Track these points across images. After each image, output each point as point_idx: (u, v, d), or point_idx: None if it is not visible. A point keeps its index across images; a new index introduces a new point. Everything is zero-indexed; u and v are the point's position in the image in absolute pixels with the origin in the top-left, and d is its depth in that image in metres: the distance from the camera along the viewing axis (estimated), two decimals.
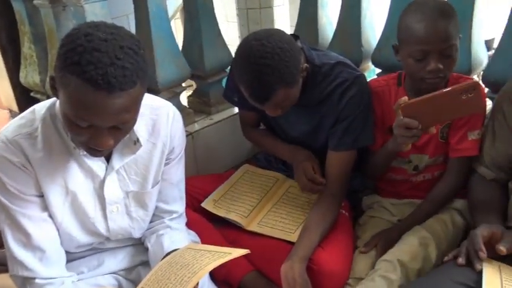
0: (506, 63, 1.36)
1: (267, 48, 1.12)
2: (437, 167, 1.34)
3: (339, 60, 1.32)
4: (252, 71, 1.13)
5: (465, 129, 1.24)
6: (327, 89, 1.29)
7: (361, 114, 1.28)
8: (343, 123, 1.29)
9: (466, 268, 0.93)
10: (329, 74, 1.29)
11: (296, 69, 1.17)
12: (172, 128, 1.10)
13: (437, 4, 1.17)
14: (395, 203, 1.41)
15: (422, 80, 1.18)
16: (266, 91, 1.15)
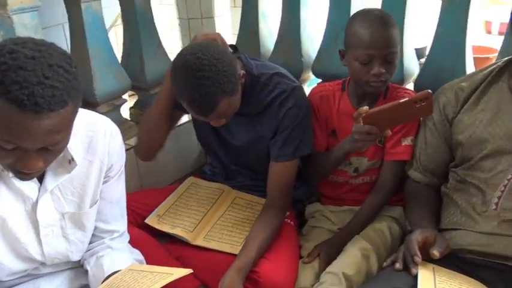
0: (436, 72, 1.44)
1: (203, 60, 1.11)
2: (376, 171, 1.40)
3: (277, 71, 1.34)
4: (191, 85, 1.13)
5: (400, 135, 1.32)
6: (265, 99, 1.31)
7: (299, 125, 1.31)
8: (282, 134, 1.31)
9: (403, 273, 0.98)
10: (267, 84, 1.31)
11: (235, 77, 1.18)
12: (110, 144, 1.06)
13: (382, 14, 1.27)
14: (335, 210, 1.45)
15: (367, 83, 1.26)
16: (209, 103, 1.15)
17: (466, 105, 1.18)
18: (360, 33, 1.23)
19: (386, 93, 1.35)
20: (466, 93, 1.19)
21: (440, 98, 1.23)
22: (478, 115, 1.15)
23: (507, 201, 1.06)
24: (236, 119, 1.31)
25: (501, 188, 1.08)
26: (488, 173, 1.11)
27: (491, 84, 1.17)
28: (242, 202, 1.49)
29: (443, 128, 1.22)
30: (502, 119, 1.11)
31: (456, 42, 1.40)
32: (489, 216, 1.08)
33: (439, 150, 1.24)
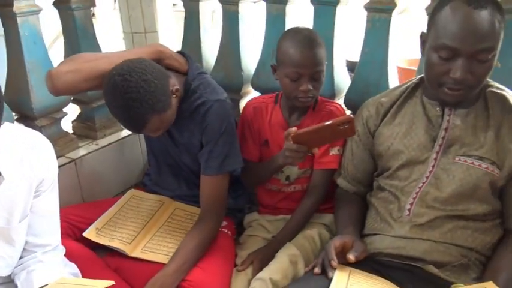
0: (363, 88, 1.54)
1: (131, 82, 1.14)
2: (307, 179, 1.47)
3: (206, 80, 1.38)
4: (121, 105, 1.16)
5: (328, 145, 1.39)
6: (192, 106, 1.34)
7: (223, 139, 1.34)
8: (207, 147, 1.35)
9: (321, 276, 1.04)
10: (195, 91, 1.35)
11: (165, 96, 1.21)
12: (39, 158, 1.07)
13: (310, 34, 1.34)
14: (270, 219, 1.51)
15: (296, 98, 1.34)
16: (139, 122, 1.19)
17: (386, 119, 1.28)
18: (290, 52, 1.30)
19: (315, 106, 1.43)
20: (385, 108, 1.29)
21: (363, 112, 1.33)
22: (395, 128, 1.25)
23: (418, 208, 1.16)
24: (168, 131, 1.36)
25: (413, 195, 1.17)
26: (404, 181, 1.21)
27: (407, 99, 1.27)
28: (182, 213, 1.52)
29: (366, 140, 1.31)
30: (415, 132, 1.21)
31: (379, 61, 1.51)
32: (403, 221, 1.17)
33: (364, 161, 1.33)
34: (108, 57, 1.28)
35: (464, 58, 1.05)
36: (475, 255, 1.12)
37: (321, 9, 1.57)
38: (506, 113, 1.14)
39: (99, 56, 1.35)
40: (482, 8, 1.04)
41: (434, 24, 1.10)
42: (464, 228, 1.13)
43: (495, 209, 1.15)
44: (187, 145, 1.42)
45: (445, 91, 1.11)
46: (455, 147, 1.16)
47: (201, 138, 1.36)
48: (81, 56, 1.32)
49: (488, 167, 1.12)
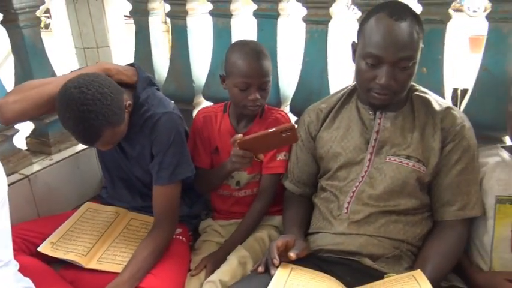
0: (306, 95, 1.63)
1: (88, 95, 1.18)
2: (256, 184, 1.54)
3: (154, 93, 1.43)
4: (75, 117, 1.18)
5: (275, 150, 1.47)
6: (141, 118, 1.39)
7: (172, 150, 1.38)
8: (157, 159, 1.39)
9: (265, 274, 1.11)
10: (143, 104, 1.39)
11: (120, 109, 1.26)
12: None
13: (256, 46, 1.42)
14: (224, 224, 1.57)
15: (244, 107, 1.41)
16: (93, 134, 1.22)
17: (325, 124, 1.37)
18: (238, 63, 1.38)
19: (262, 114, 1.51)
20: (324, 113, 1.38)
21: (305, 118, 1.42)
22: (333, 132, 1.34)
23: (355, 205, 1.24)
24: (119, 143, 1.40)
25: (350, 194, 1.26)
26: (342, 181, 1.29)
27: (343, 105, 1.36)
28: (137, 223, 1.56)
29: (309, 144, 1.40)
30: (351, 135, 1.31)
31: (320, 69, 1.60)
32: (342, 219, 1.26)
33: (308, 164, 1.41)
34: (54, 82, 1.32)
35: (388, 65, 1.15)
36: (406, 246, 1.22)
37: (263, 22, 1.65)
38: (429, 114, 1.25)
39: (46, 81, 1.38)
40: (403, 20, 1.14)
41: (362, 34, 1.20)
42: (396, 222, 1.22)
43: (424, 203, 1.25)
44: (138, 158, 1.46)
45: (373, 95, 1.20)
46: (386, 147, 1.25)
47: (151, 150, 1.41)
48: (27, 84, 1.36)
49: (415, 165, 1.22)
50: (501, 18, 1.30)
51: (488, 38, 1.34)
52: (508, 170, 1.22)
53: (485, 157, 1.27)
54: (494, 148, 1.30)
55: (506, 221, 1.19)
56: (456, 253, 1.19)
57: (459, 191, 1.21)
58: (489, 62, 1.36)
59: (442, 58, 1.41)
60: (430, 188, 1.26)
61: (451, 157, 1.22)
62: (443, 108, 1.25)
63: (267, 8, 1.61)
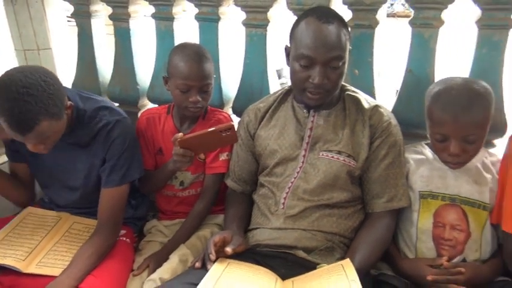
0: (248, 95, 1.68)
1: (30, 80, 1.16)
2: (200, 184, 1.57)
3: (103, 104, 1.43)
4: (14, 99, 1.14)
5: (217, 151, 1.51)
6: (93, 130, 1.39)
7: (126, 154, 1.41)
8: (109, 163, 1.40)
9: (201, 270, 1.14)
10: (94, 116, 1.39)
11: (61, 103, 1.23)
12: None
13: (198, 49, 1.45)
14: (168, 224, 1.59)
15: (186, 108, 1.44)
16: (29, 121, 1.16)
17: (262, 123, 1.42)
18: (180, 66, 1.41)
19: (205, 116, 1.54)
20: (262, 113, 1.43)
21: (244, 118, 1.47)
22: (270, 130, 1.40)
23: (290, 201, 1.30)
24: (69, 151, 1.40)
25: (286, 190, 1.31)
26: (279, 177, 1.35)
27: (280, 104, 1.42)
28: (80, 227, 1.55)
29: (248, 143, 1.44)
30: (287, 132, 1.36)
31: (260, 71, 1.66)
32: (279, 214, 1.31)
33: (248, 162, 1.46)
34: None
35: (320, 66, 1.21)
36: (338, 238, 1.28)
37: (205, 25, 1.69)
38: (359, 112, 1.32)
39: None
40: (330, 23, 1.21)
41: (294, 37, 1.27)
42: (329, 216, 1.29)
43: (355, 196, 1.32)
44: (89, 169, 1.45)
45: (308, 95, 1.27)
46: (320, 144, 1.32)
47: (105, 155, 1.41)
48: None
49: (345, 160, 1.29)
50: (422, 24, 1.40)
51: (412, 42, 1.44)
52: (430, 167, 1.31)
53: (411, 154, 1.36)
54: (419, 145, 1.39)
55: (428, 214, 1.29)
56: (384, 243, 1.27)
57: (387, 184, 1.30)
58: (413, 64, 1.46)
59: (372, 60, 1.50)
60: (361, 181, 1.34)
61: (379, 152, 1.30)
62: (372, 106, 1.33)
63: (208, 11, 1.65)
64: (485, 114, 1.21)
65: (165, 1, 1.70)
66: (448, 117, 1.20)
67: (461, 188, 1.27)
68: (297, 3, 1.48)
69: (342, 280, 1.04)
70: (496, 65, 1.37)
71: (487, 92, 1.22)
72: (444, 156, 1.26)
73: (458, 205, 1.27)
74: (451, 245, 1.26)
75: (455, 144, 1.21)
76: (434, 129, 1.25)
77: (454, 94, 1.21)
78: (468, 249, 1.25)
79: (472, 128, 1.20)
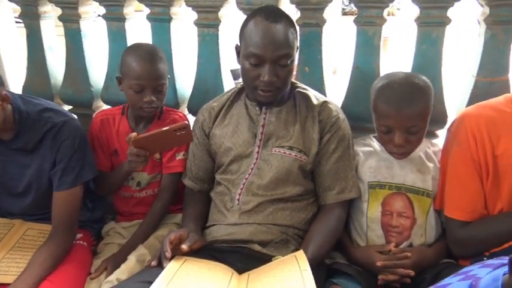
0: (203, 94, 1.69)
1: None
2: (157, 184, 1.57)
3: (47, 106, 1.41)
4: None
5: (174, 150, 1.52)
6: (39, 133, 1.37)
7: (76, 155, 1.39)
8: (60, 165, 1.38)
9: (157, 268, 1.15)
10: (39, 119, 1.37)
11: None
12: None
13: (151, 49, 1.46)
14: (126, 226, 1.58)
15: (141, 108, 1.45)
16: None
17: (217, 121, 1.45)
18: (133, 66, 1.41)
19: (161, 116, 1.55)
20: (216, 111, 1.45)
21: (199, 117, 1.49)
22: (225, 128, 1.42)
23: (245, 196, 1.33)
24: (15, 156, 1.37)
25: (241, 186, 1.34)
26: (234, 174, 1.38)
27: (233, 103, 1.45)
28: (34, 232, 1.51)
29: (204, 141, 1.46)
30: (240, 130, 1.39)
31: (214, 69, 1.68)
32: (234, 210, 1.33)
33: (204, 160, 1.47)
34: None
35: (269, 64, 1.25)
36: (293, 231, 1.32)
37: (157, 26, 1.69)
38: (309, 108, 1.37)
39: None
40: (278, 23, 1.25)
41: (243, 36, 1.29)
42: (283, 209, 1.32)
43: (308, 190, 1.36)
44: (39, 173, 1.42)
45: (259, 93, 1.30)
46: (272, 140, 1.36)
47: (55, 158, 1.39)
48: None
49: (296, 155, 1.33)
50: (366, 22, 1.47)
51: (357, 40, 1.50)
52: (378, 158, 1.37)
53: (360, 146, 1.42)
54: (367, 138, 1.45)
55: (377, 204, 1.35)
56: (336, 233, 1.32)
57: (337, 176, 1.35)
58: (359, 61, 1.52)
59: (321, 58, 1.55)
60: (313, 175, 1.38)
61: (328, 146, 1.35)
62: (321, 102, 1.38)
63: (159, 12, 1.66)
64: (426, 106, 1.28)
65: (116, 2, 1.69)
66: (392, 110, 1.27)
67: (406, 177, 1.34)
68: (247, 3, 1.51)
69: (295, 270, 1.08)
70: (435, 60, 1.45)
71: (427, 86, 1.29)
72: (390, 147, 1.33)
73: (404, 193, 1.33)
74: (398, 232, 1.32)
75: (399, 136, 1.28)
76: (379, 122, 1.31)
77: (396, 88, 1.28)
78: (414, 235, 1.32)
79: (414, 119, 1.27)
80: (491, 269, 0.75)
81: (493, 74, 1.41)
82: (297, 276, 1.04)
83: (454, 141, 1.27)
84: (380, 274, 1.25)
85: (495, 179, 1.22)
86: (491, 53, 1.40)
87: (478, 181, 1.24)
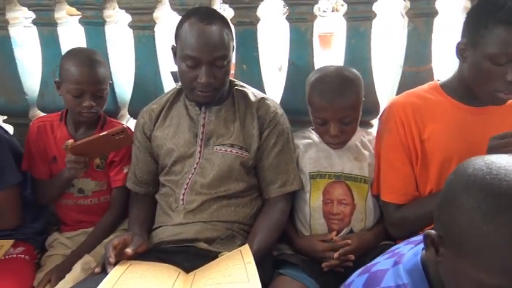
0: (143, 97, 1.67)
1: None
2: (103, 192, 1.55)
3: None
4: None
5: (121, 164, 1.51)
6: None
7: None
8: None
9: (102, 274, 1.13)
10: None
11: None
12: None
13: (91, 53, 1.44)
14: (71, 235, 1.55)
15: (80, 113, 1.43)
16: None
17: (157, 123, 1.44)
18: (71, 70, 1.39)
19: (104, 125, 1.53)
20: (156, 114, 1.45)
21: (140, 120, 1.47)
22: (166, 130, 1.42)
23: (189, 196, 1.34)
24: None
25: (184, 186, 1.35)
26: (178, 175, 1.38)
27: (173, 104, 1.45)
28: None
29: (145, 144, 1.45)
30: (181, 131, 1.40)
31: (153, 72, 1.67)
32: (179, 210, 1.34)
33: (147, 163, 1.46)
34: None
35: (206, 65, 1.26)
36: (238, 226, 1.34)
37: (90, 30, 1.66)
38: (248, 106, 1.39)
39: None
40: (212, 24, 1.26)
41: (179, 38, 1.30)
42: (227, 206, 1.34)
43: (251, 185, 1.39)
44: None
45: (198, 94, 1.31)
46: (213, 139, 1.37)
47: None
48: None
49: (237, 152, 1.35)
50: (298, 18, 1.51)
51: (290, 36, 1.55)
52: (317, 149, 1.42)
53: (300, 139, 1.47)
54: (307, 131, 1.50)
55: (318, 193, 1.39)
56: (280, 225, 1.36)
57: (279, 170, 1.38)
58: (294, 56, 1.57)
59: (257, 55, 1.59)
60: (256, 171, 1.41)
61: (268, 141, 1.38)
62: (258, 99, 1.41)
63: (92, 15, 1.63)
64: (357, 98, 1.34)
65: (46, 6, 1.64)
66: (325, 102, 1.32)
67: (344, 166, 1.40)
68: (180, 3, 1.52)
69: (239, 264, 1.10)
70: (365, 53, 1.52)
71: (357, 78, 1.36)
72: (326, 138, 1.38)
73: (343, 181, 1.39)
74: (339, 219, 1.38)
75: (334, 127, 1.33)
76: (315, 114, 1.36)
77: (328, 81, 1.33)
78: (354, 220, 1.38)
79: (346, 110, 1.32)
80: (413, 245, 0.81)
81: (418, 64, 1.50)
82: (241, 270, 1.07)
83: (385, 128, 1.35)
84: (324, 261, 1.30)
85: (424, 162, 1.30)
86: (414, 44, 1.48)
87: (408, 165, 1.32)
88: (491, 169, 0.67)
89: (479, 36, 1.14)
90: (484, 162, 0.69)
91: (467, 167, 0.70)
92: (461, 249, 0.67)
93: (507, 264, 0.62)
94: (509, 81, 1.13)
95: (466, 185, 0.68)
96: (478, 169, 0.68)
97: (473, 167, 0.69)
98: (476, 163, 0.70)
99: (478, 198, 0.66)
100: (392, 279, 0.74)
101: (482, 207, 0.65)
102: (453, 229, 0.68)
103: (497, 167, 0.67)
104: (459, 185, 0.70)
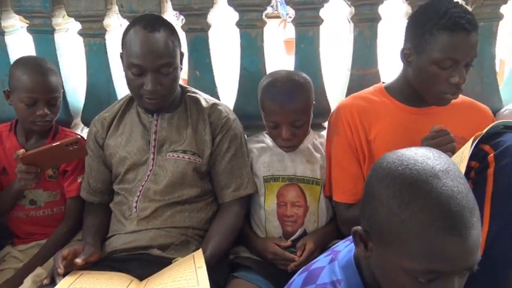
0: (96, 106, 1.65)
1: None
2: (56, 203, 1.52)
3: None
4: None
5: (75, 173, 1.49)
6: None
7: None
8: None
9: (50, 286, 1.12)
10: None
11: None
12: None
13: (42, 61, 1.43)
14: (23, 248, 1.51)
15: (33, 122, 1.40)
16: None
17: (110, 132, 1.43)
18: (23, 78, 1.37)
19: (56, 135, 1.51)
20: (108, 122, 1.44)
21: (92, 129, 1.46)
22: (118, 138, 1.41)
23: (142, 203, 1.33)
24: None
25: (137, 194, 1.34)
26: (131, 183, 1.37)
27: (125, 111, 1.44)
28: None
29: (98, 153, 1.44)
30: (134, 138, 1.39)
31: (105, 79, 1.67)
32: (132, 218, 1.33)
33: (101, 172, 1.45)
34: None
35: (151, 73, 1.26)
36: (192, 231, 1.35)
37: (39, 38, 1.63)
38: (200, 111, 1.41)
39: None
40: (157, 31, 1.27)
41: (125, 46, 1.30)
42: (181, 211, 1.35)
43: (205, 190, 1.40)
44: None
45: (145, 101, 1.31)
46: (166, 145, 1.37)
47: None
48: None
49: (190, 158, 1.36)
50: (248, 25, 1.54)
51: (241, 42, 1.57)
52: (270, 153, 1.45)
53: (253, 143, 1.49)
54: (260, 135, 1.52)
55: (272, 196, 1.42)
56: (234, 229, 1.37)
57: (232, 174, 1.39)
58: (246, 62, 1.59)
59: (210, 61, 1.60)
60: (210, 176, 1.42)
61: (221, 146, 1.39)
62: (210, 104, 1.42)
63: (40, 23, 1.60)
64: (307, 101, 1.38)
65: None
66: (276, 106, 1.34)
67: (296, 169, 1.43)
68: (130, 11, 1.52)
69: (190, 268, 1.11)
70: (314, 57, 1.56)
71: (306, 82, 1.39)
72: (279, 141, 1.41)
73: (295, 184, 1.42)
74: (293, 221, 1.40)
75: (286, 130, 1.36)
76: (267, 118, 1.39)
77: (279, 86, 1.36)
78: (308, 222, 1.41)
79: (297, 114, 1.35)
80: (350, 242, 0.84)
81: (364, 67, 1.55)
82: (191, 274, 1.07)
83: (334, 131, 1.38)
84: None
85: (371, 162, 1.34)
86: (360, 48, 1.54)
87: (357, 165, 1.36)
88: (402, 160, 0.73)
89: (425, 42, 1.19)
90: (396, 155, 0.75)
91: (382, 162, 0.76)
92: (385, 240, 0.71)
93: (427, 247, 0.66)
94: (454, 83, 1.19)
95: (382, 178, 0.74)
96: (390, 162, 0.74)
97: (387, 161, 0.75)
98: (390, 157, 0.75)
99: (393, 189, 0.71)
100: (327, 276, 0.77)
101: (398, 196, 0.70)
102: (376, 221, 0.72)
103: (407, 158, 0.73)
104: (376, 179, 0.75)
